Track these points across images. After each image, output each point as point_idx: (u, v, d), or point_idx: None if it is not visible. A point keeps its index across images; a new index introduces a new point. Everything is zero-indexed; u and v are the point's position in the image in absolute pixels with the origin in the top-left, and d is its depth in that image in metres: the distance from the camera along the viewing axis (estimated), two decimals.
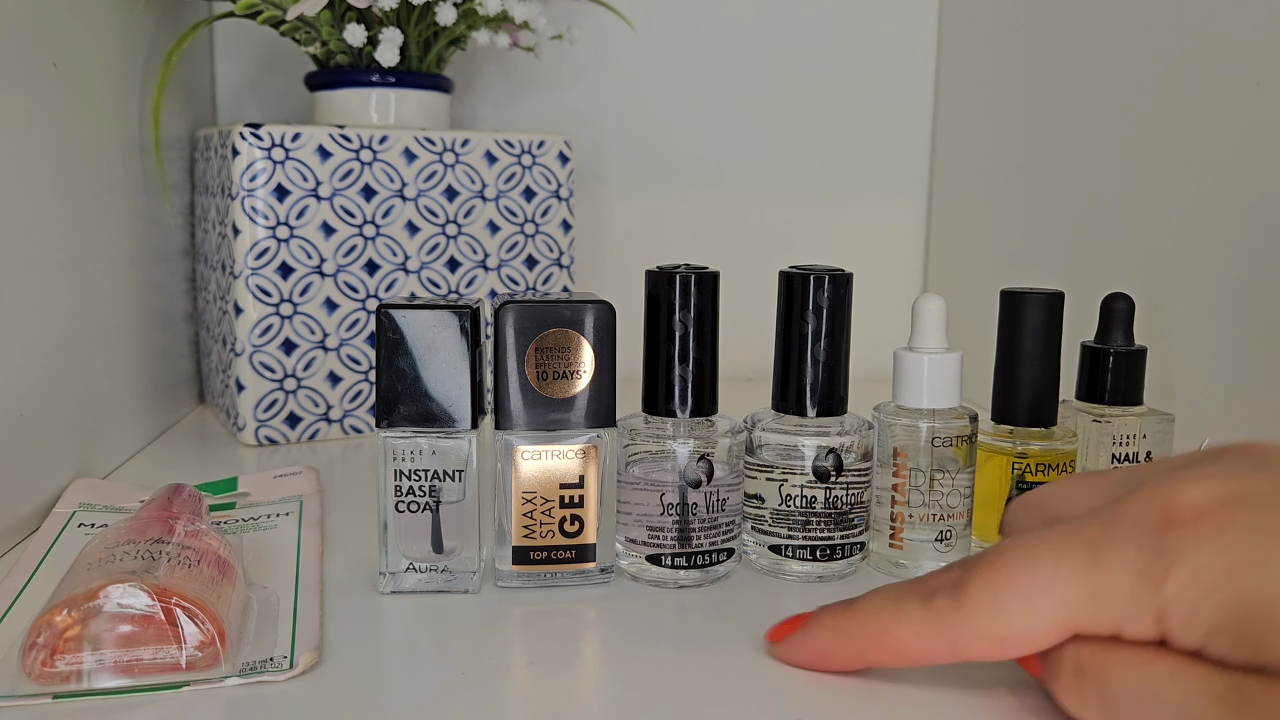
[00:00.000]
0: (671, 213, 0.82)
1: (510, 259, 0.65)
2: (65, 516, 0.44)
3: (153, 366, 0.61)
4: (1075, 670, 0.28)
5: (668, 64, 0.81)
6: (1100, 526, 0.27)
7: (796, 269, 0.41)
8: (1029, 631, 0.28)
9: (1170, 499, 0.26)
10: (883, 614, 0.30)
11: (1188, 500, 0.26)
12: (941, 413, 0.41)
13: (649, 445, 0.40)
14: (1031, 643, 0.28)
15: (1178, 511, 0.26)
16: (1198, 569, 0.25)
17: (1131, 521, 0.27)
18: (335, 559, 0.42)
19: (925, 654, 0.30)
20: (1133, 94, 0.57)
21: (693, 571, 0.40)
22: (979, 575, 0.28)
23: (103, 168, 0.55)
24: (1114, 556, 0.26)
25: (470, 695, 0.31)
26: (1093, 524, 0.27)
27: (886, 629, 0.30)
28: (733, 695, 0.32)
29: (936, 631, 0.29)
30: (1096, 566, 0.27)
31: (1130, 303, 0.45)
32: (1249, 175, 0.48)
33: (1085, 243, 0.62)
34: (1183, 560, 0.25)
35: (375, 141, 0.60)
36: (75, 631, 0.30)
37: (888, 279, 0.84)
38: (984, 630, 0.28)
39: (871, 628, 0.31)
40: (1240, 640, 0.24)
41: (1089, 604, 0.27)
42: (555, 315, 0.38)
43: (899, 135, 0.84)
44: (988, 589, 0.28)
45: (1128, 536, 0.26)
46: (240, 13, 0.61)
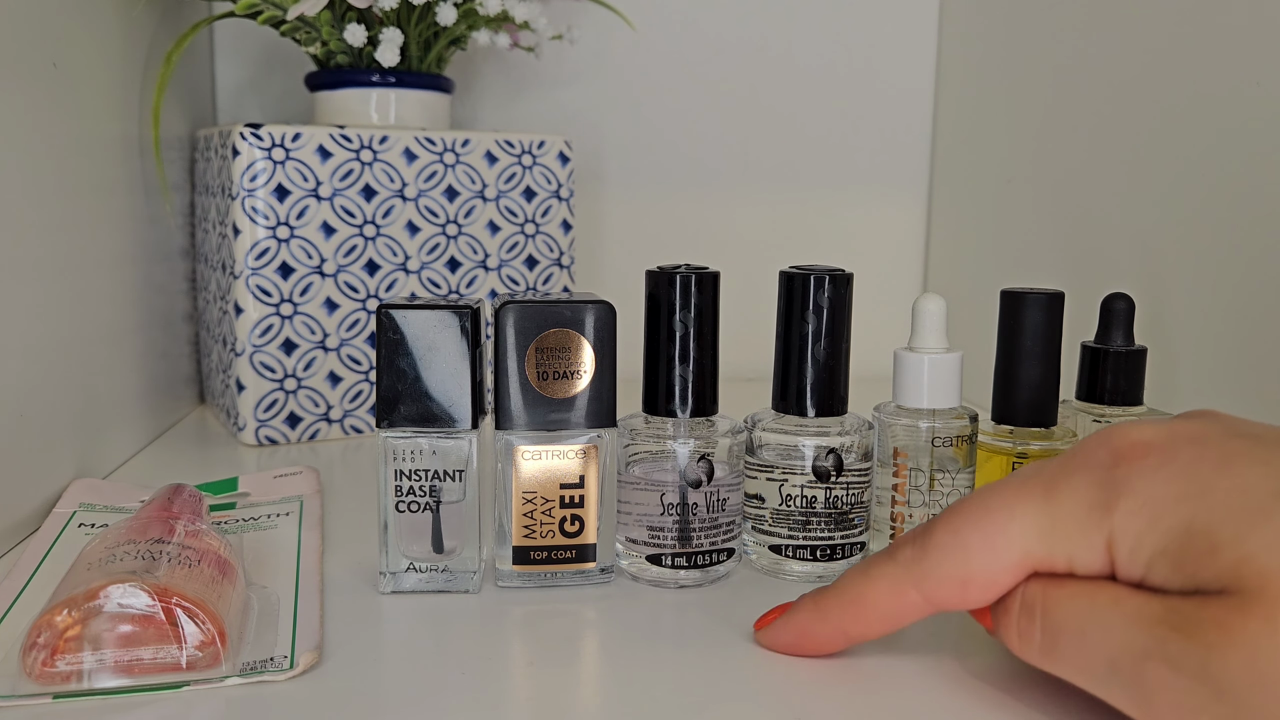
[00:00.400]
0: (671, 213, 0.82)
1: (510, 259, 0.65)
2: (65, 516, 0.44)
3: (153, 366, 0.61)
4: (1022, 606, 0.29)
5: (668, 64, 0.81)
6: (1056, 466, 0.29)
7: (796, 269, 0.41)
8: (990, 571, 0.29)
9: (1121, 438, 0.28)
10: (855, 582, 0.32)
11: (1137, 437, 0.28)
12: (941, 413, 0.41)
13: (649, 445, 0.40)
14: (993, 583, 0.29)
15: (1127, 447, 0.28)
16: (1145, 498, 0.27)
17: (1084, 459, 0.28)
18: (335, 559, 0.42)
19: (898, 609, 0.30)
20: (1133, 93, 0.57)
21: (693, 571, 0.40)
22: (942, 522, 0.30)
23: (103, 168, 0.55)
24: (1068, 490, 0.28)
25: (470, 695, 0.31)
26: (1049, 465, 0.29)
27: (861, 595, 0.31)
28: (733, 695, 0.32)
29: (905, 582, 0.30)
30: (1051, 500, 0.28)
31: (1130, 303, 0.45)
32: (1249, 175, 0.48)
33: (1085, 243, 0.62)
34: (1131, 490, 0.27)
35: (375, 141, 0.60)
36: (75, 631, 0.30)
37: (888, 279, 0.84)
38: (948, 573, 0.29)
39: (847, 599, 0.32)
40: (1179, 563, 0.25)
41: (1045, 536, 0.28)
42: (555, 315, 0.38)
43: (899, 136, 0.84)
44: (950, 532, 0.29)
45: (1081, 472, 0.28)
46: (240, 13, 0.61)
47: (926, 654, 0.34)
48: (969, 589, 0.29)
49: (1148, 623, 0.26)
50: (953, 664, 0.33)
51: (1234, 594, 0.24)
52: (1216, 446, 0.27)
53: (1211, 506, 0.25)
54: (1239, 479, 0.26)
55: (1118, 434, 0.28)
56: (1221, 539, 0.25)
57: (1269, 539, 0.24)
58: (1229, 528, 0.25)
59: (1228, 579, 0.24)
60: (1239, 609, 0.24)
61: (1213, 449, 0.27)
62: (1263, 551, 0.24)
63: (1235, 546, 0.24)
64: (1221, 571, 0.25)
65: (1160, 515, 0.26)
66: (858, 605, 0.31)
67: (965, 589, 0.29)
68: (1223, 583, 0.24)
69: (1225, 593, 0.24)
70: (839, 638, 0.32)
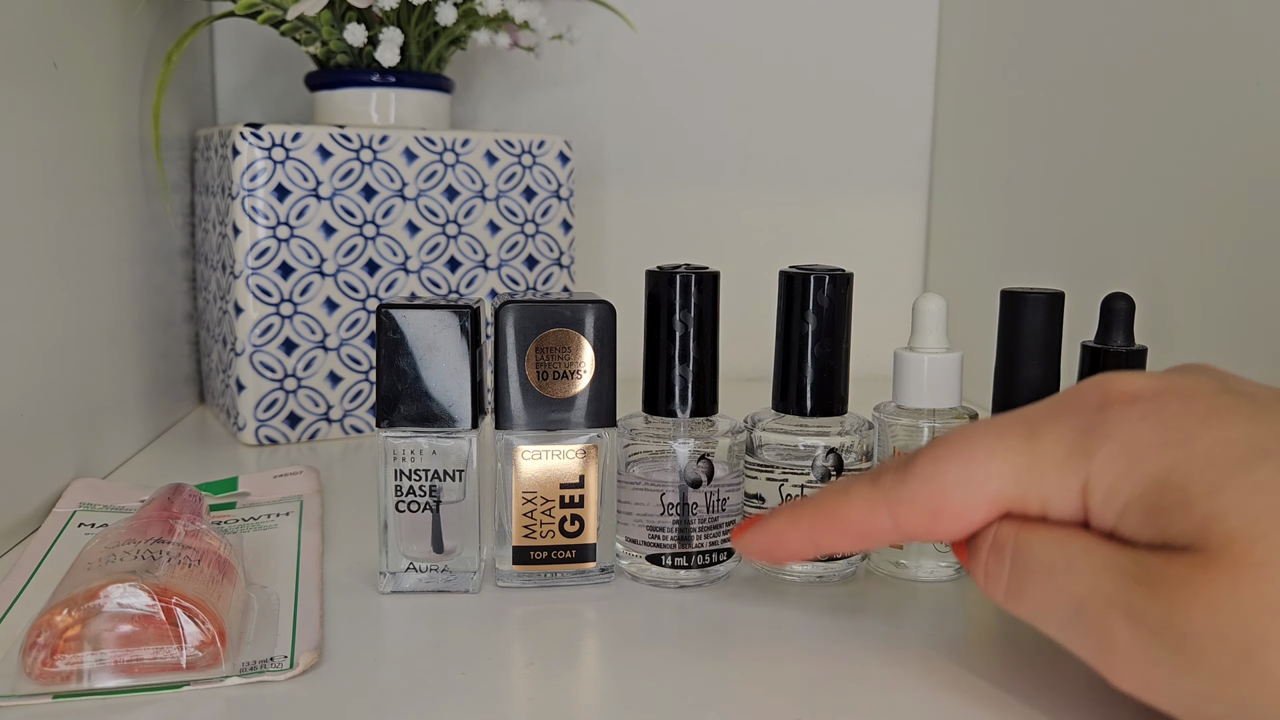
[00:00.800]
0: (671, 213, 0.82)
1: (510, 259, 0.65)
2: (65, 516, 0.44)
3: (153, 366, 0.61)
4: (992, 545, 0.29)
5: (668, 64, 0.81)
6: (1045, 407, 0.29)
7: (796, 269, 0.41)
8: (962, 504, 0.29)
9: (1111, 385, 0.28)
10: (834, 495, 0.32)
11: (1126, 385, 0.28)
12: (941, 413, 0.41)
13: (649, 445, 0.40)
14: (963, 517, 0.29)
15: (1116, 394, 0.28)
16: (1125, 443, 0.26)
17: (1072, 402, 0.28)
18: (335, 559, 0.42)
19: (870, 528, 0.31)
20: (1133, 93, 0.57)
21: (693, 571, 0.40)
22: (925, 452, 0.30)
23: (103, 168, 0.55)
24: (1051, 430, 0.28)
25: (470, 695, 0.31)
26: (1038, 406, 0.29)
27: (836, 508, 0.31)
28: (733, 695, 0.32)
29: (879, 505, 0.30)
30: (1033, 440, 0.28)
31: (1130, 303, 0.45)
32: (1250, 175, 0.48)
33: (1085, 243, 0.62)
34: (1114, 435, 0.27)
35: (375, 141, 0.61)
36: (75, 631, 0.30)
37: (888, 279, 0.84)
38: (922, 501, 0.29)
39: (823, 510, 0.32)
40: (1151, 514, 0.25)
41: (1022, 475, 0.28)
42: (555, 315, 0.38)
43: (899, 135, 0.84)
44: (930, 462, 0.29)
45: (1067, 415, 0.28)
46: (240, 13, 0.61)
47: (926, 654, 0.34)
48: (939, 520, 0.29)
49: (1115, 572, 0.26)
50: (953, 665, 0.33)
51: (1200, 551, 0.24)
52: (1206, 400, 0.27)
53: (1190, 458, 0.25)
54: (1222, 432, 0.25)
55: (1109, 381, 0.28)
56: (1194, 493, 0.25)
57: (1240, 496, 0.24)
58: (1203, 481, 0.25)
59: (1195, 535, 0.24)
60: (1203, 567, 0.24)
61: (1201, 402, 0.27)
62: (1233, 509, 0.24)
63: (1206, 501, 0.24)
64: (1190, 528, 0.24)
65: (1138, 462, 0.26)
66: (831, 518, 0.32)
67: (935, 519, 0.29)
68: (1190, 538, 0.24)
69: (1191, 549, 0.24)
70: (809, 547, 0.33)
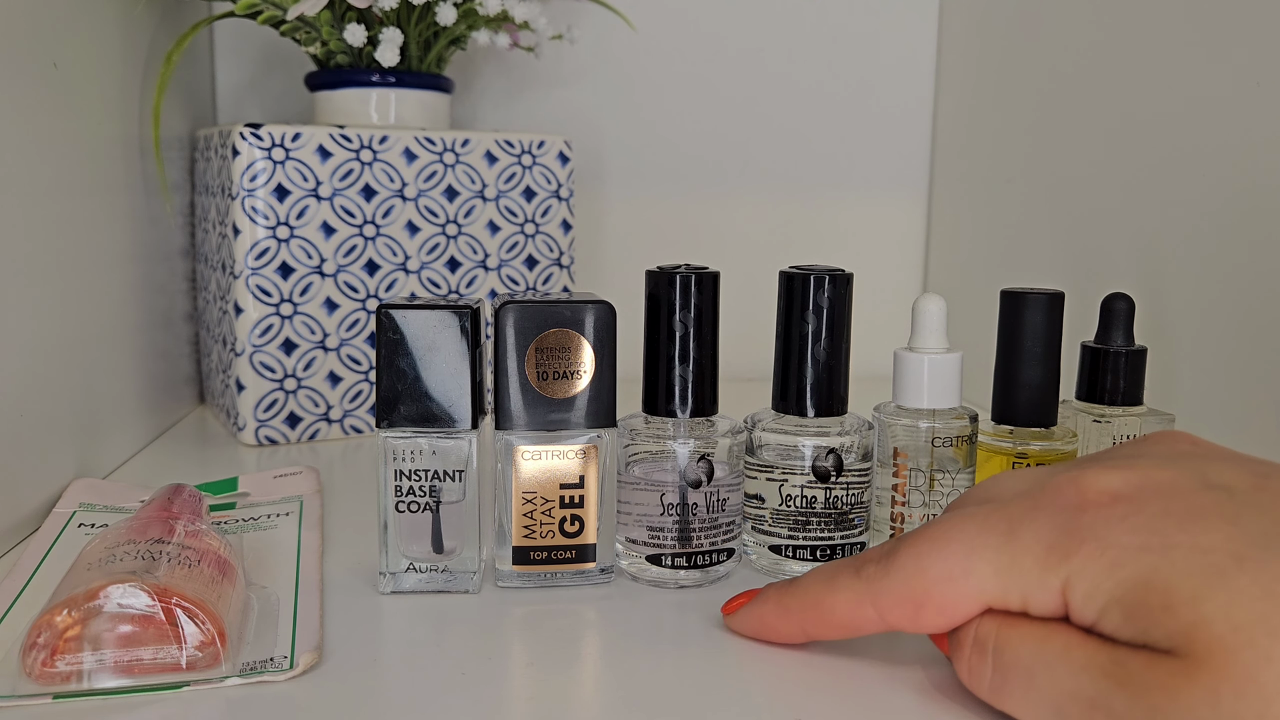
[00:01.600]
0: (671, 213, 0.82)
1: (510, 259, 0.65)
2: (65, 516, 0.44)
3: (153, 366, 0.61)
4: (974, 641, 0.29)
5: (668, 64, 0.81)
6: (1023, 504, 0.29)
7: (796, 269, 0.41)
8: (946, 600, 0.29)
9: (1090, 483, 0.28)
10: (819, 586, 0.32)
11: (1105, 484, 0.28)
12: (941, 413, 0.41)
13: (649, 445, 0.40)
14: (947, 611, 0.29)
15: (1094, 494, 0.28)
16: (1106, 545, 0.26)
17: (1050, 500, 0.28)
18: (335, 559, 0.42)
19: (854, 620, 0.31)
20: (1133, 93, 0.57)
21: (693, 571, 0.40)
22: (907, 544, 0.30)
23: (103, 168, 0.55)
24: (1030, 530, 0.28)
25: (470, 695, 0.31)
26: (1016, 503, 0.29)
27: (821, 600, 0.32)
28: (733, 695, 0.32)
29: (864, 598, 0.31)
30: (1013, 538, 0.28)
31: (1130, 303, 0.45)
32: (1249, 175, 0.48)
33: (1085, 243, 0.62)
34: (1093, 536, 0.27)
35: (375, 141, 0.60)
36: (75, 631, 0.30)
37: (888, 279, 0.84)
38: (906, 596, 0.30)
39: (809, 600, 0.32)
40: (1132, 615, 0.25)
41: (1002, 574, 0.28)
42: (555, 315, 0.38)
43: (899, 135, 0.84)
44: (913, 556, 0.30)
45: (1045, 513, 0.28)
46: (240, 13, 0.61)
47: (926, 655, 0.34)
48: (923, 614, 0.30)
49: (1096, 673, 0.26)
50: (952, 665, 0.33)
51: (1181, 657, 0.24)
52: (1185, 499, 0.27)
53: (1172, 562, 0.25)
54: (1203, 537, 0.25)
55: (1087, 478, 0.28)
56: (1178, 598, 0.25)
57: (1223, 604, 0.24)
58: (1186, 587, 0.25)
59: (1178, 640, 0.24)
60: (1184, 674, 0.24)
61: (1180, 502, 0.27)
62: (1217, 617, 0.24)
63: (1190, 608, 0.24)
64: (1173, 632, 0.24)
65: (1119, 564, 0.26)
66: (818, 610, 0.32)
67: (920, 613, 0.30)
68: (1172, 643, 0.24)
69: (1173, 654, 0.24)
70: (799, 635, 0.33)
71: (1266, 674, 0.23)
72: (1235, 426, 0.49)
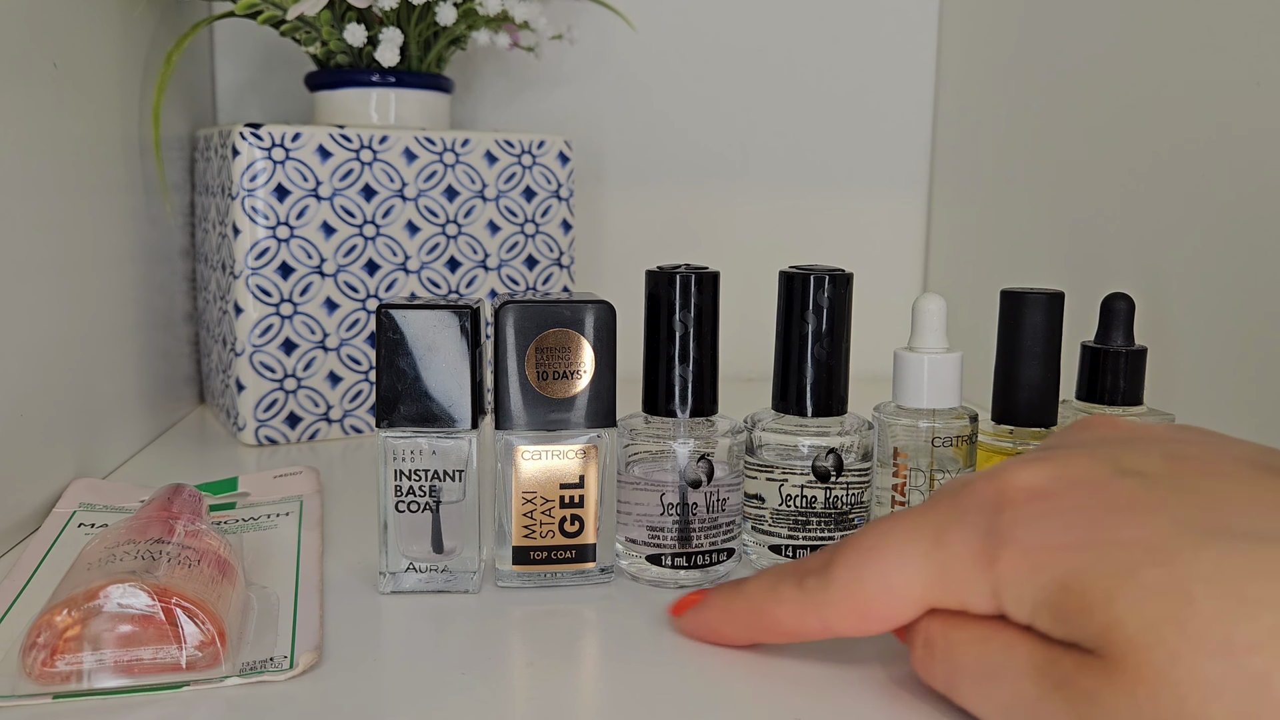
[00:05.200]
0: (671, 213, 0.82)
1: (510, 259, 0.65)
2: (65, 516, 0.44)
3: (153, 366, 0.61)
4: (924, 643, 0.29)
5: (668, 64, 0.81)
6: (947, 508, 0.29)
7: (796, 269, 0.41)
8: (886, 609, 0.29)
9: (1007, 481, 0.28)
10: (763, 597, 0.32)
11: (1022, 481, 0.28)
12: (941, 413, 0.41)
13: (649, 445, 0.40)
14: (890, 616, 0.29)
15: (1012, 492, 0.28)
16: (1026, 548, 0.26)
17: (972, 502, 0.28)
18: (335, 559, 0.42)
19: (800, 631, 0.31)
20: (1133, 93, 0.57)
21: (693, 571, 0.40)
22: (842, 555, 0.30)
23: (103, 168, 0.55)
24: (955, 535, 0.28)
25: (470, 695, 0.31)
26: (941, 506, 0.29)
27: (766, 609, 0.32)
28: (732, 695, 0.32)
29: (808, 609, 0.31)
30: (940, 545, 0.28)
31: (1130, 303, 0.45)
32: (1249, 175, 0.48)
33: (1085, 243, 0.62)
34: (1013, 538, 0.27)
35: (375, 141, 0.60)
36: (75, 631, 0.30)
37: (888, 279, 0.84)
38: (847, 606, 0.30)
39: (754, 608, 0.33)
40: (1059, 617, 0.25)
41: (936, 582, 0.28)
42: (555, 315, 0.38)
43: (899, 135, 0.84)
44: (849, 568, 0.30)
45: (969, 516, 0.28)
46: (240, 13, 0.61)
47: None
48: (868, 619, 0.30)
49: (1035, 676, 0.26)
50: None
51: (1102, 659, 0.24)
52: (1099, 491, 0.27)
53: (1087, 562, 0.25)
54: (1114, 532, 0.25)
55: (1006, 476, 0.28)
56: (1093, 599, 0.24)
57: (1135, 602, 0.24)
58: (1100, 587, 0.24)
59: (1098, 642, 0.24)
60: (1106, 677, 0.24)
61: (1095, 494, 0.27)
62: (1128, 617, 0.24)
63: (1104, 609, 0.24)
64: (1092, 633, 0.24)
65: (1040, 566, 0.26)
66: (762, 620, 0.32)
67: (864, 619, 0.30)
68: (1094, 644, 0.24)
69: (1096, 655, 0.24)
70: (745, 640, 0.34)
71: (1177, 672, 0.23)
72: (1235, 426, 0.49)
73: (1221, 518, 0.25)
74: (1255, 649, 0.22)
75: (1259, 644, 0.22)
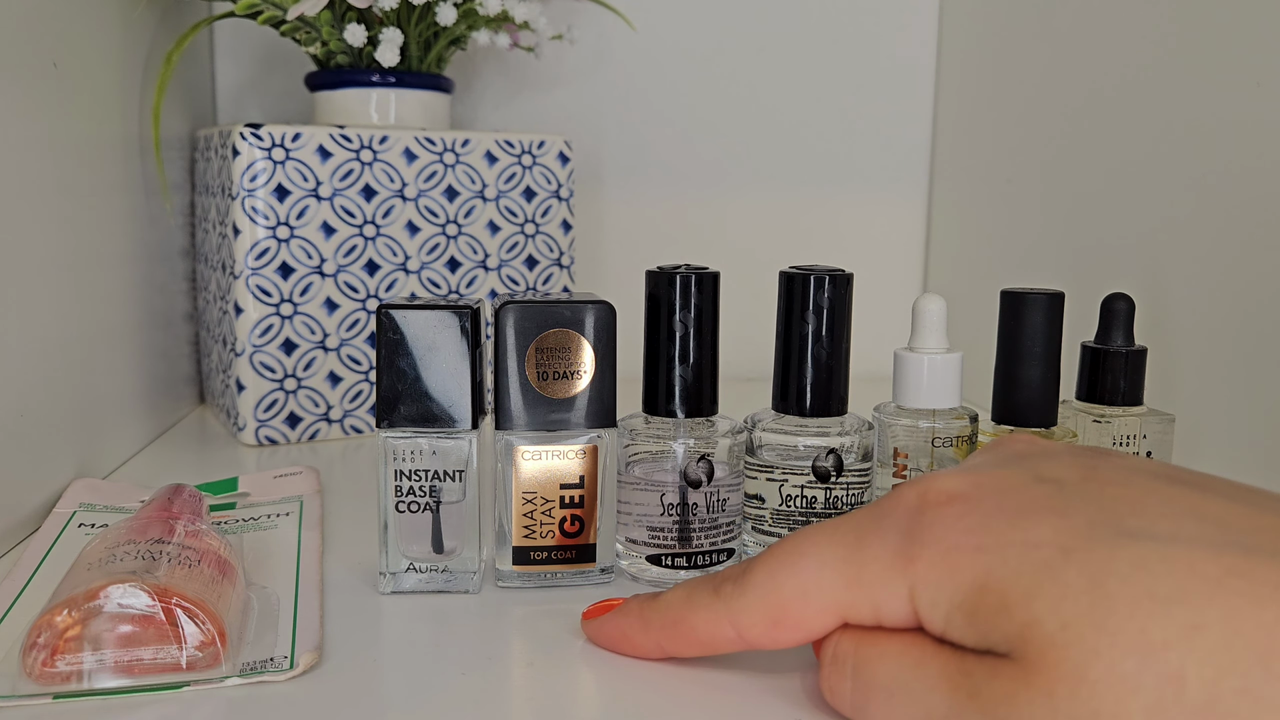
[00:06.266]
0: (671, 213, 0.82)
1: (510, 259, 0.65)
2: (65, 516, 0.44)
3: (153, 366, 0.61)
4: (832, 658, 0.29)
5: (668, 64, 0.81)
6: (868, 515, 0.29)
7: (796, 269, 0.41)
8: (800, 616, 0.29)
9: (928, 486, 0.28)
10: (679, 605, 0.32)
11: (943, 486, 0.28)
12: (941, 413, 0.41)
13: (649, 445, 0.40)
14: (802, 626, 0.29)
15: (933, 495, 0.28)
16: (944, 548, 0.26)
17: (893, 507, 0.28)
18: (335, 559, 0.42)
19: (713, 640, 0.31)
20: (1133, 93, 0.57)
21: (693, 571, 0.40)
22: (760, 563, 0.30)
23: (103, 168, 0.55)
24: (876, 538, 0.28)
25: (470, 695, 0.31)
26: (862, 514, 0.29)
27: (681, 618, 0.32)
28: (732, 695, 0.32)
29: (722, 617, 0.30)
30: (859, 547, 0.28)
31: (1130, 303, 0.45)
32: (1249, 175, 0.48)
33: (1085, 243, 0.62)
34: (931, 538, 0.27)
35: (375, 141, 0.60)
36: (76, 631, 0.30)
37: (888, 279, 0.84)
38: (761, 613, 0.30)
39: (669, 618, 0.32)
40: (973, 619, 0.25)
41: (851, 585, 0.28)
42: (555, 315, 0.38)
43: (899, 135, 0.84)
44: (766, 574, 0.30)
45: (889, 520, 0.28)
46: (240, 13, 0.61)
47: None
48: (779, 629, 0.29)
49: (948, 689, 0.26)
50: None
51: (1018, 660, 0.24)
52: (1017, 495, 0.27)
53: (1005, 561, 0.25)
54: (1031, 533, 0.25)
55: (928, 481, 0.28)
56: (1011, 598, 0.24)
57: (1052, 601, 0.24)
58: (1019, 586, 0.24)
59: (1015, 643, 0.24)
60: (1022, 679, 0.24)
61: (1013, 498, 0.27)
62: (1046, 615, 0.24)
63: (1023, 608, 0.24)
64: (1010, 634, 0.24)
65: (955, 569, 0.26)
66: (677, 628, 0.32)
67: (775, 629, 0.29)
68: (1010, 646, 0.24)
69: (1012, 657, 0.24)
70: (656, 651, 0.33)
71: (1095, 670, 0.23)
72: (1235, 426, 0.49)
73: (1134, 521, 0.25)
74: (1169, 646, 0.22)
75: (1172, 641, 0.22)
